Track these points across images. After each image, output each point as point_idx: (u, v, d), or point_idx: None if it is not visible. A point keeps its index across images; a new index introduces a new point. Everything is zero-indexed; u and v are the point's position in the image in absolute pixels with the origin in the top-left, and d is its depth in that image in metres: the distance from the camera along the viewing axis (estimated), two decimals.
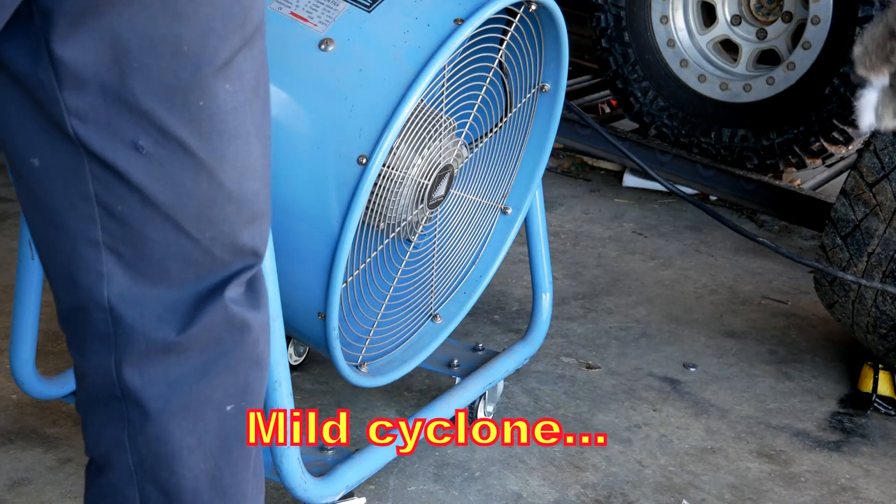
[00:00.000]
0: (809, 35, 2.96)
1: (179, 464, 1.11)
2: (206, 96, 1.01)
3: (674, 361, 2.41)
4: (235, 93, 1.03)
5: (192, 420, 1.10)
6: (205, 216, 1.05)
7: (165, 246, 1.05)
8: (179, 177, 1.03)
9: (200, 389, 1.10)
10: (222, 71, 1.01)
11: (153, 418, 1.09)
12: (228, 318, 1.09)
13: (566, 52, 1.82)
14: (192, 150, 1.02)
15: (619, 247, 3.06)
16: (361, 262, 1.70)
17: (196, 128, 1.02)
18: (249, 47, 1.04)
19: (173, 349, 1.08)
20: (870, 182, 2.15)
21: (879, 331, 2.19)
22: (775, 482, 1.98)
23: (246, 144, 1.06)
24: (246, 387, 1.13)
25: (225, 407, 1.12)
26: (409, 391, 2.19)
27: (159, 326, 1.07)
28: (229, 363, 1.11)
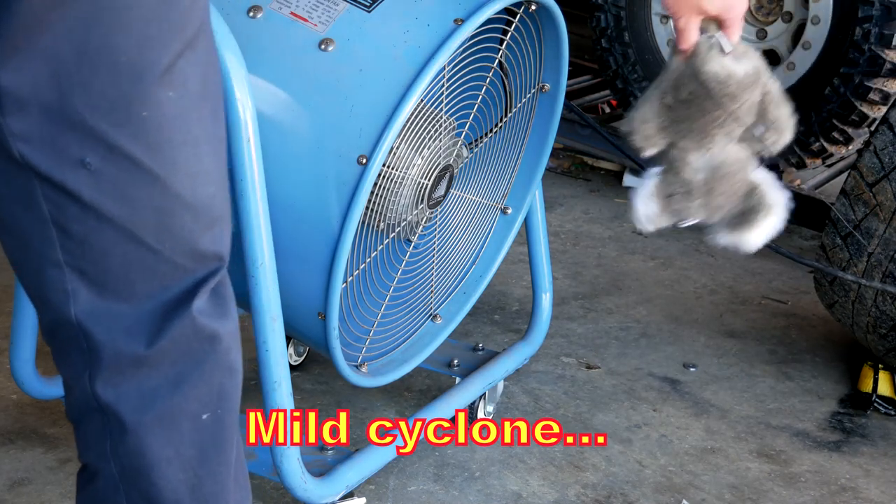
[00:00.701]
0: (809, 35, 2.96)
1: (158, 475, 1.11)
2: (149, 106, 0.99)
3: (674, 361, 2.41)
4: (180, 99, 1.02)
5: (168, 431, 1.10)
6: (163, 226, 1.04)
7: (127, 260, 1.05)
8: (132, 190, 1.02)
9: (174, 401, 1.10)
10: (164, 78, 1.00)
11: (129, 431, 1.09)
12: (197, 329, 1.09)
13: (566, 52, 1.81)
14: (141, 161, 1.01)
15: (619, 247, 3.06)
16: (361, 262, 1.70)
17: (143, 139, 1.00)
18: (192, 51, 1.02)
19: (144, 362, 1.07)
20: (870, 182, 2.15)
21: (879, 331, 2.19)
22: (775, 482, 1.98)
23: (196, 150, 1.05)
24: (221, 395, 1.13)
25: (201, 416, 1.12)
26: (409, 391, 2.19)
27: (128, 340, 1.06)
28: (202, 373, 1.11)
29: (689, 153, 1.48)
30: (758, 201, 1.52)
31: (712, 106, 1.43)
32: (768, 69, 1.48)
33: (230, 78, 1.43)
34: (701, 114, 1.44)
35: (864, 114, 2.93)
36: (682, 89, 1.45)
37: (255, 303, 1.52)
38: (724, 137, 1.46)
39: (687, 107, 1.45)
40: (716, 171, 1.49)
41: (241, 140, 1.45)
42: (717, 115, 1.44)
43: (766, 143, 1.51)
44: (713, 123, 1.44)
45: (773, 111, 1.49)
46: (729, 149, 1.48)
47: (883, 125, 2.18)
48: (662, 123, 1.47)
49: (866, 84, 2.88)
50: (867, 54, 2.85)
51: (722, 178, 1.49)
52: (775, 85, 1.50)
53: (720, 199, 1.51)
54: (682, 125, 1.46)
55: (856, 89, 2.90)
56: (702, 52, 1.42)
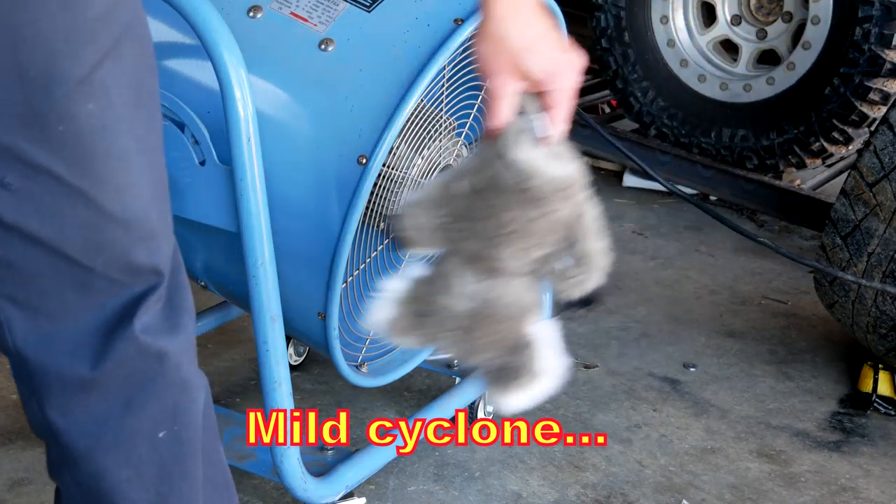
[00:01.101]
0: (809, 35, 2.96)
1: (121, 497, 1.09)
2: (65, 120, 0.95)
3: (674, 361, 2.41)
4: (102, 111, 0.97)
5: (125, 453, 1.08)
6: (92, 242, 1.00)
7: (59, 280, 1.00)
8: (56, 208, 0.97)
9: (128, 422, 1.07)
10: (79, 90, 0.95)
11: (85, 457, 1.06)
12: (142, 349, 1.05)
13: None
14: (62, 178, 0.96)
15: (619, 247, 3.05)
16: (361, 262, 1.70)
17: (62, 154, 0.96)
18: (114, 59, 0.97)
19: (92, 386, 1.04)
20: (870, 182, 2.15)
21: (879, 331, 2.19)
22: (775, 482, 1.98)
23: (124, 163, 1.00)
24: (175, 412, 1.10)
25: (157, 435, 1.09)
26: (409, 391, 2.19)
27: (72, 363, 1.03)
28: (152, 392, 1.07)
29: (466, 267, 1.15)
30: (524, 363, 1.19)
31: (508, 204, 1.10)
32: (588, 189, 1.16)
33: (230, 78, 1.43)
34: (490, 212, 1.11)
35: (864, 114, 2.93)
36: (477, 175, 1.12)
37: (255, 303, 1.52)
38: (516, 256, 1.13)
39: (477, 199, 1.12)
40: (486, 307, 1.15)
41: (241, 140, 1.45)
42: (511, 217, 1.10)
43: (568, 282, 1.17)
44: (505, 228, 1.11)
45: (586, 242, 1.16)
46: (513, 284, 1.15)
47: (883, 125, 2.18)
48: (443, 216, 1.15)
49: (866, 84, 2.88)
50: (867, 54, 2.85)
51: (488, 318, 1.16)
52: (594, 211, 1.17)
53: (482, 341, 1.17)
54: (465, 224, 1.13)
55: (856, 89, 2.90)
56: (511, 133, 1.11)
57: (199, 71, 1.57)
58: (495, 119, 1.12)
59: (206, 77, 1.55)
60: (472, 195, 1.12)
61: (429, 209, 1.14)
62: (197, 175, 1.54)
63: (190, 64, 1.59)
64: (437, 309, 1.17)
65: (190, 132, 1.54)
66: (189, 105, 1.54)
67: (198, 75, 1.57)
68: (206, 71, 1.53)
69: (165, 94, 1.54)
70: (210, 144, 1.52)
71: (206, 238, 1.64)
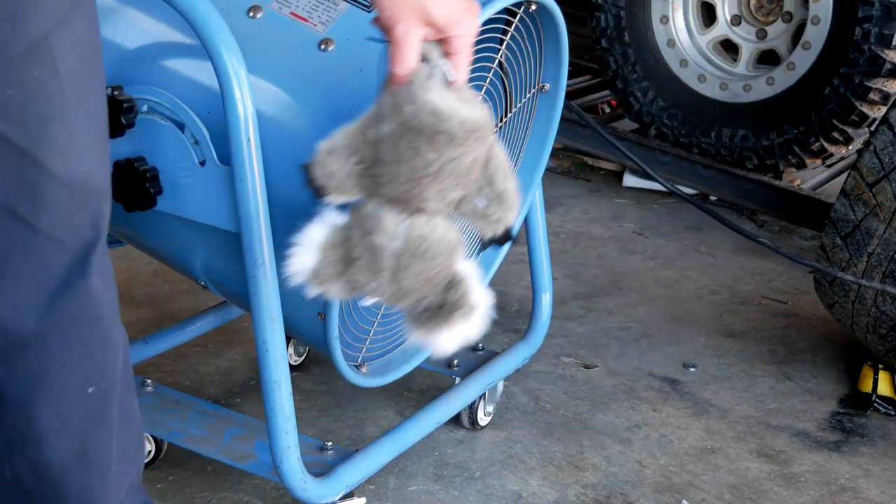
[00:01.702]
0: (809, 35, 2.96)
1: (46, 444, 1.16)
2: (12, 85, 1.01)
3: (674, 361, 2.41)
4: (49, 77, 1.03)
5: (56, 405, 1.15)
6: (37, 202, 1.06)
7: (6, 238, 1.06)
8: (5, 167, 1.04)
9: (62, 379, 1.14)
10: (26, 58, 1.01)
11: (18, 406, 1.13)
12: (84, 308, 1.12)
13: (566, 52, 1.81)
14: (9, 139, 1.02)
15: (619, 247, 3.06)
16: None
17: (9, 117, 1.02)
18: (63, 28, 1.03)
19: (32, 342, 1.11)
20: (870, 182, 2.15)
21: (879, 331, 2.19)
22: (775, 482, 1.98)
23: (69, 127, 1.06)
24: (104, 369, 1.18)
25: (86, 390, 1.17)
26: (409, 391, 2.19)
27: (15, 318, 1.09)
28: (87, 351, 1.15)
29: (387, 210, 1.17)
30: (458, 298, 1.23)
31: (426, 146, 1.13)
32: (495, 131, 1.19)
33: (230, 78, 1.43)
34: (412, 154, 1.14)
35: (863, 114, 2.94)
36: (390, 120, 1.15)
37: (255, 303, 1.52)
38: (436, 198, 1.16)
39: (394, 144, 1.15)
40: (415, 244, 1.18)
41: (241, 140, 1.45)
42: (429, 159, 1.14)
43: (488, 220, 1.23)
44: (424, 171, 1.14)
45: (501, 181, 1.20)
46: (437, 222, 1.19)
47: (883, 125, 2.18)
48: (359, 162, 1.17)
49: (866, 84, 2.88)
50: (867, 54, 2.85)
51: (420, 255, 1.19)
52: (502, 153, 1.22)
53: (411, 281, 1.20)
54: (385, 168, 1.16)
55: (856, 89, 2.90)
56: (420, 78, 1.14)
57: (198, 71, 1.57)
58: (401, 65, 1.16)
59: (205, 77, 1.55)
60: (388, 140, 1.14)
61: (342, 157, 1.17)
62: (197, 175, 1.54)
63: (190, 64, 1.59)
64: (364, 252, 1.18)
65: (190, 132, 1.54)
66: (189, 105, 1.54)
67: (198, 75, 1.57)
68: (206, 71, 1.53)
69: (165, 94, 1.54)
70: (210, 144, 1.52)
71: (205, 238, 1.64)
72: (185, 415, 1.81)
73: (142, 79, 1.59)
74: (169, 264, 1.81)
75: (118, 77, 1.59)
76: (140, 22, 1.63)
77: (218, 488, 1.84)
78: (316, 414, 2.09)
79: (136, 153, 1.56)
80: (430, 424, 1.89)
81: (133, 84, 1.57)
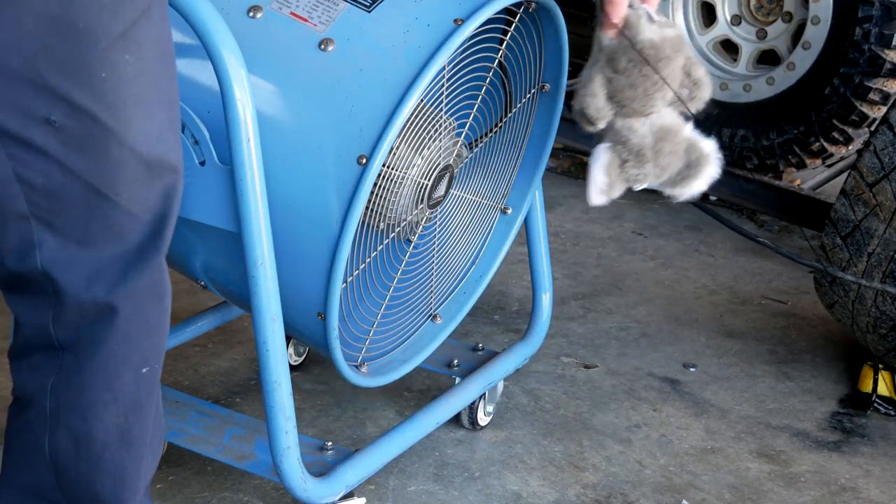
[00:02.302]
0: (809, 35, 2.96)
1: (93, 415, 1.22)
2: (107, 68, 1.09)
3: (674, 361, 2.41)
4: (136, 62, 1.12)
5: (112, 378, 1.21)
6: (120, 178, 1.14)
7: (88, 210, 1.14)
8: (92, 144, 1.11)
9: (122, 352, 1.20)
10: (119, 43, 1.09)
11: (74, 372, 1.19)
12: (153, 286, 1.20)
13: (566, 52, 1.82)
14: (100, 118, 1.10)
15: (618, 247, 3.06)
16: (361, 263, 1.70)
17: (101, 98, 1.10)
18: (146, 19, 1.12)
19: (101, 312, 1.17)
20: (870, 182, 2.15)
21: (879, 331, 2.19)
22: (775, 482, 1.98)
23: (149, 109, 1.15)
24: (159, 351, 1.25)
25: (141, 369, 1.23)
26: (408, 391, 2.19)
27: (89, 288, 1.16)
28: (150, 329, 1.22)
29: (634, 120, 1.58)
30: (698, 154, 1.62)
31: (650, 71, 1.54)
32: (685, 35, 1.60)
33: (230, 78, 1.43)
34: (642, 80, 1.54)
35: (864, 114, 2.93)
36: (618, 61, 1.54)
37: (255, 303, 1.52)
38: (661, 101, 1.57)
39: (627, 76, 1.55)
40: (659, 133, 1.59)
41: (241, 140, 1.45)
42: (655, 79, 1.54)
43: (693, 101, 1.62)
44: (653, 87, 1.55)
45: (696, 71, 1.60)
46: (664, 112, 1.60)
47: (883, 125, 2.18)
48: (608, 95, 1.57)
49: (866, 84, 2.88)
50: (867, 54, 2.85)
51: (666, 139, 1.60)
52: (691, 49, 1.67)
53: (668, 158, 1.61)
54: (625, 93, 1.56)
55: (856, 89, 2.89)
56: (633, 22, 1.53)
57: (198, 71, 1.57)
58: (617, 17, 1.52)
59: (205, 77, 1.55)
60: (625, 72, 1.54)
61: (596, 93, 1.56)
62: (197, 175, 1.54)
63: (190, 64, 1.58)
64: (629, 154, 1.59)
65: (190, 132, 1.54)
66: (189, 105, 1.54)
67: (198, 75, 1.57)
68: (206, 71, 1.53)
69: None
70: (210, 144, 1.52)
71: (205, 238, 1.64)
72: (185, 415, 1.81)
73: None
74: (169, 264, 1.81)
75: None
76: None
77: (218, 488, 1.84)
78: (316, 414, 2.09)
79: None
80: (430, 424, 1.89)
81: None
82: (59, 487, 1.25)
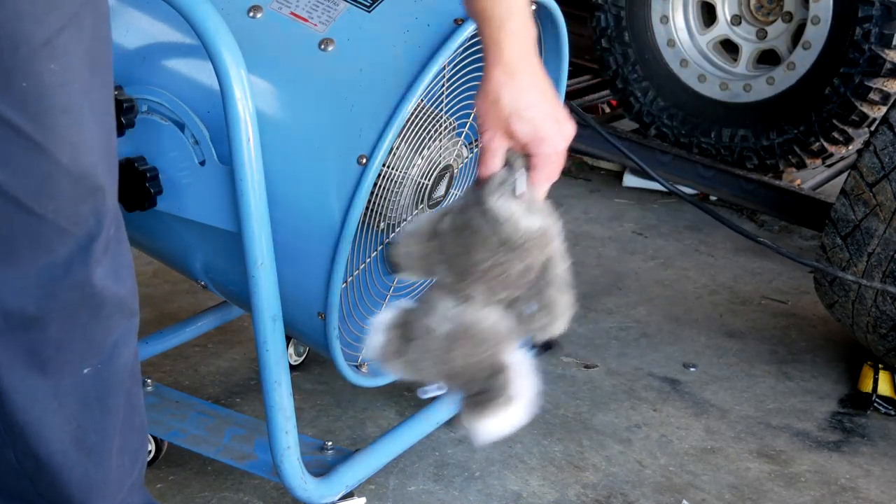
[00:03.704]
0: (809, 35, 2.96)
1: (43, 426, 1.18)
2: (28, 77, 1.05)
3: (674, 361, 2.41)
4: (63, 71, 1.07)
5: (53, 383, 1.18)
6: (44, 191, 1.09)
7: (10, 224, 1.09)
8: (13, 155, 1.07)
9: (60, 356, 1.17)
10: (43, 51, 1.05)
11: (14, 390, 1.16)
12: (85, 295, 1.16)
13: (566, 52, 1.81)
14: (21, 129, 1.06)
15: (618, 247, 3.06)
16: (361, 262, 1.70)
17: (23, 107, 1.05)
18: (76, 26, 1.08)
19: (33, 325, 1.14)
20: (870, 182, 2.15)
21: (879, 331, 2.19)
22: (775, 482, 1.98)
23: (78, 119, 1.10)
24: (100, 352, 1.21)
25: (82, 370, 1.19)
26: (409, 391, 2.19)
27: (17, 303, 1.12)
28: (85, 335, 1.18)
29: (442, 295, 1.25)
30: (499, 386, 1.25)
31: (481, 246, 1.21)
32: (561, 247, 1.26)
33: (230, 78, 1.43)
34: (466, 250, 1.22)
35: (864, 114, 2.93)
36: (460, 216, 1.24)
37: (256, 303, 1.52)
38: (485, 293, 1.23)
39: (456, 237, 1.23)
40: (463, 329, 1.24)
41: (241, 140, 1.45)
42: (482, 258, 1.21)
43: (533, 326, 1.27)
44: (476, 267, 1.21)
45: (552, 292, 1.27)
46: (486, 312, 1.24)
47: (883, 125, 2.18)
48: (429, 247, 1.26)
49: (866, 84, 2.88)
50: (867, 54, 2.85)
51: (466, 340, 1.24)
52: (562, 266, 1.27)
53: (457, 363, 1.25)
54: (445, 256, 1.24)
55: (856, 89, 2.90)
56: (493, 183, 1.22)
57: (198, 71, 1.57)
58: (483, 169, 1.23)
59: (205, 77, 1.55)
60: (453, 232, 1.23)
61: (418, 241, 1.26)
62: (197, 175, 1.54)
63: (190, 64, 1.59)
64: (420, 331, 1.25)
65: (190, 132, 1.54)
66: (189, 105, 1.54)
67: (198, 75, 1.57)
68: (206, 71, 1.53)
69: (165, 94, 1.54)
70: (210, 144, 1.52)
71: (205, 238, 1.64)
72: (185, 415, 1.81)
73: (142, 79, 1.59)
74: (169, 264, 1.81)
75: (118, 77, 1.58)
76: (140, 22, 1.63)
77: (218, 488, 1.84)
78: (316, 414, 2.09)
79: (136, 153, 1.56)
80: (430, 424, 1.89)
81: (133, 84, 1.57)
82: (38, 492, 1.24)
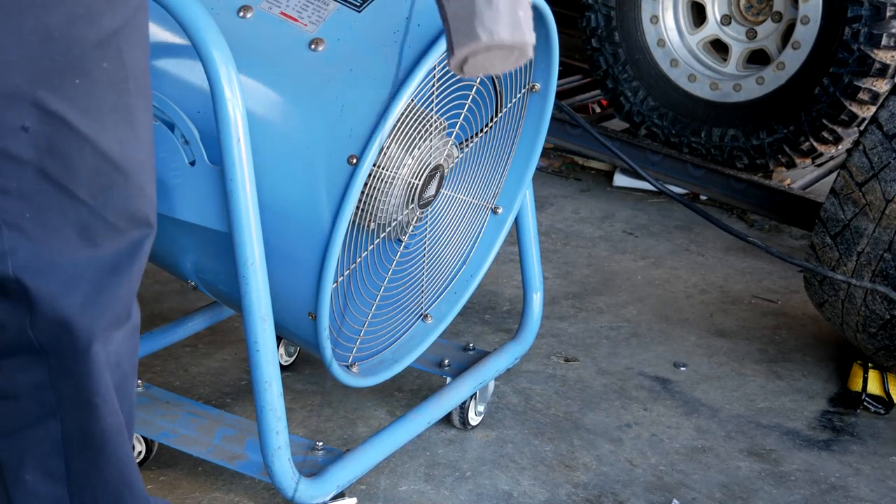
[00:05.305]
0: (799, 35, 2.96)
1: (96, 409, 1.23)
2: (80, 75, 1.10)
3: (664, 361, 2.41)
4: (114, 70, 1.12)
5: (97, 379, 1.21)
6: (94, 183, 1.14)
7: (62, 214, 1.13)
8: (66, 149, 1.11)
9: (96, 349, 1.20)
10: (96, 51, 1.10)
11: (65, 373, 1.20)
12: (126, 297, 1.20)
13: (556, 52, 1.82)
14: (73, 124, 1.11)
15: (609, 246, 3.06)
16: (352, 263, 1.70)
17: (75, 104, 1.10)
18: (133, 29, 1.14)
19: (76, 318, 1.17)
20: (859, 181, 2.16)
21: (869, 330, 2.20)
22: (765, 481, 1.99)
23: (127, 117, 1.15)
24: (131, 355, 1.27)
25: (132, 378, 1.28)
26: (399, 391, 2.19)
27: (64, 293, 1.15)
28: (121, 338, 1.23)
29: None
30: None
31: None
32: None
33: (220, 78, 1.43)
34: None
35: (853, 113, 2.94)
36: None
37: (246, 303, 1.52)
38: None
39: None
40: None
41: (231, 140, 1.45)
42: None
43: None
44: None
45: None
46: None
47: (872, 125, 2.19)
48: None
49: (856, 84, 2.89)
50: (856, 54, 2.86)
51: None
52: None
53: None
54: None
55: (845, 89, 2.90)
56: None
57: (189, 71, 1.57)
58: None
59: (196, 77, 1.55)
60: None
61: None
62: (187, 175, 1.53)
63: (180, 64, 1.58)
64: None
65: (180, 132, 1.53)
66: (179, 105, 1.54)
67: (188, 75, 1.57)
68: (196, 71, 1.52)
69: (155, 94, 1.54)
70: (200, 144, 1.52)
71: (195, 238, 1.64)
72: (176, 415, 1.81)
73: None
74: (159, 264, 1.81)
75: None
76: None
77: (209, 489, 1.84)
78: (307, 414, 2.09)
79: None
80: (421, 424, 1.89)
81: None
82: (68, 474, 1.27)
